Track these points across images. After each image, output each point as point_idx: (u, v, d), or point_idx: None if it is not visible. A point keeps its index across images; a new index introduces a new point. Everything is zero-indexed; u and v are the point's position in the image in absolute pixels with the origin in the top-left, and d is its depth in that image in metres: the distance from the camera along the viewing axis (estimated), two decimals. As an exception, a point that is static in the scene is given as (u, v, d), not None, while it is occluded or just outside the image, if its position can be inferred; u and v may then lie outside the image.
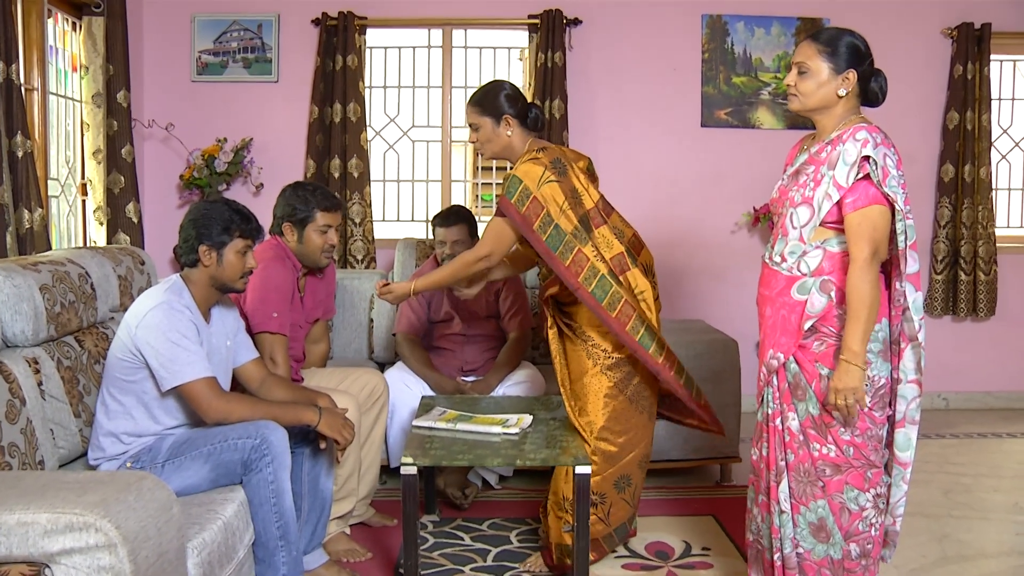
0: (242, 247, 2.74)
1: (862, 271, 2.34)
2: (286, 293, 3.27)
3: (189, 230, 2.72)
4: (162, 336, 2.56)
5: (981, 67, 5.21)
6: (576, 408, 3.04)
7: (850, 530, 2.49)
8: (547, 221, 2.91)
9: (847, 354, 2.36)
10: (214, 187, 5.02)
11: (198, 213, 2.73)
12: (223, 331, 2.83)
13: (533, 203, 2.91)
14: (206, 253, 2.70)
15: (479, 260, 3.06)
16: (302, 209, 3.30)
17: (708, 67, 5.29)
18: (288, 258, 3.34)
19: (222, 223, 2.70)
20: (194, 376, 2.56)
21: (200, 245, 2.70)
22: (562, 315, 3.15)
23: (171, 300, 2.62)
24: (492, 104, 3.06)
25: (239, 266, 2.74)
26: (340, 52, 5.05)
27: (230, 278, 2.74)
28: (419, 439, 2.91)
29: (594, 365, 3.05)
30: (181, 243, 2.74)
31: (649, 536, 3.41)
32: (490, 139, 3.08)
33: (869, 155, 2.34)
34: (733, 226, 5.36)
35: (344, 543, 3.21)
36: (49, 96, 4.31)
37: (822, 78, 2.43)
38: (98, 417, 2.68)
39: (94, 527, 1.78)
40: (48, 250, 3.83)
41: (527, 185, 2.92)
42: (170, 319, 2.58)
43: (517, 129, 3.07)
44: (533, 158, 2.98)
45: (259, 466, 2.53)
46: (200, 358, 2.59)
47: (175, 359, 2.55)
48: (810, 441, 2.50)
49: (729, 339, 4.08)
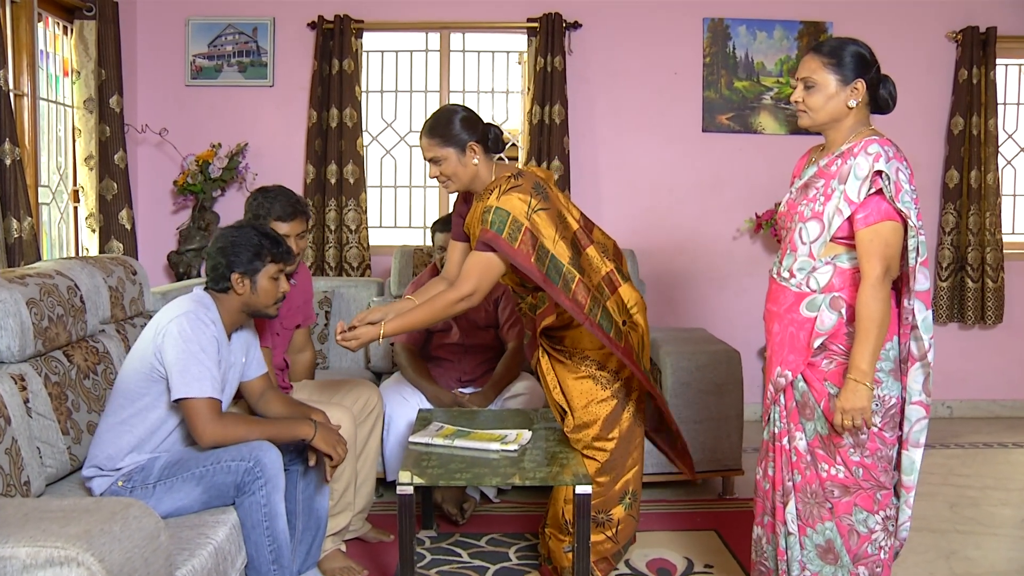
0: (275, 272, 2.69)
1: (874, 289, 2.27)
2: None
3: (218, 258, 2.65)
4: (182, 344, 2.50)
5: (986, 71, 5.15)
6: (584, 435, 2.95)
7: (859, 553, 2.43)
8: (543, 252, 2.75)
9: (855, 373, 2.29)
10: (208, 193, 4.95)
11: (227, 240, 2.66)
12: (241, 348, 2.79)
13: (526, 235, 2.73)
14: (239, 281, 2.64)
15: (461, 300, 2.78)
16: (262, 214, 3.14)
17: (709, 71, 5.22)
18: None
19: (252, 249, 2.65)
20: (199, 393, 2.49)
21: (232, 273, 2.64)
22: (551, 341, 3.01)
23: (197, 311, 2.57)
24: (452, 133, 2.82)
25: (273, 292, 2.70)
26: (336, 56, 4.98)
27: (264, 304, 2.70)
28: (416, 456, 2.84)
29: (603, 389, 2.95)
30: (210, 270, 2.68)
31: (651, 552, 3.35)
32: (455, 172, 2.84)
33: (882, 169, 2.27)
34: (735, 232, 5.29)
35: (340, 560, 3.14)
36: (40, 102, 4.24)
37: (830, 91, 2.37)
38: (99, 432, 2.61)
39: (76, 561, 1.71)
40: (38, 259, 3.76)
41: (516, 217, 2.72)
42: (194, 329, 2.52)
43: (482, 156, 2.85)
44: (514, 186, 2.77)
45: (252, 488, 2.46)
46: (210, 376, 2.52)
47: (187, 370, 2.49)
48: (818, 461, 2.44)
49: (732, 350, 4.01)
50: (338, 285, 4.48)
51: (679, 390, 3.89)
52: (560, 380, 2.99)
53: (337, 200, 5.03)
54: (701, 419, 3.90)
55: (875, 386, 2.34)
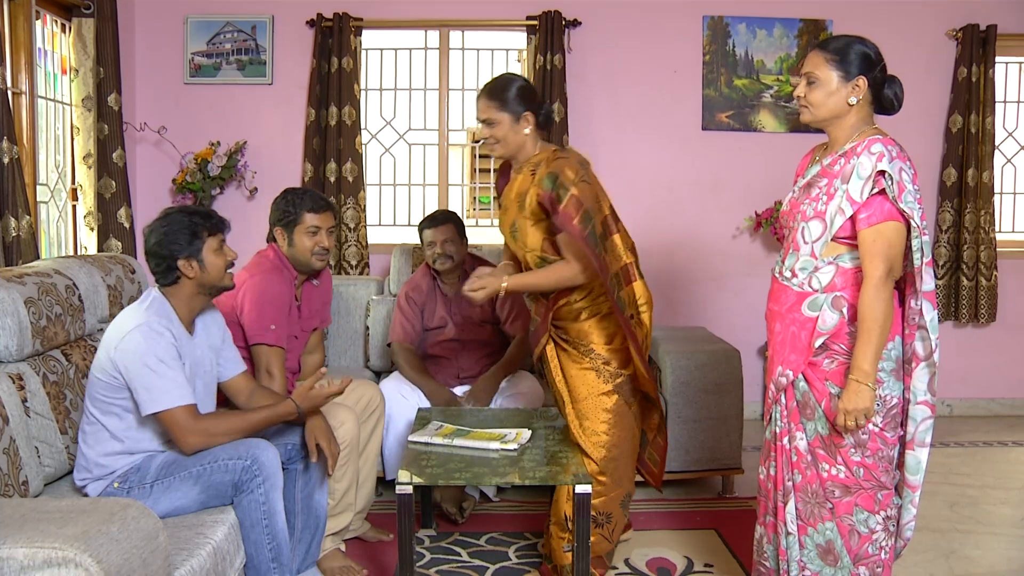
0: (217, 244, 2.65)
1: (876, 289, 2.26)
2: (283, 305, 3.22)
3: (159, 252, 2.60)
4: (139, 361, 2.46)
5: (986, 69, 5.14)
6: (584, 428, 2.96)
7: (859, 553, 2.42)
8: (587, 217, 2.80)
9: (857, 374, 2.29)
10: (207, 191, 4.94)
11: (159, 233, 2.61)
12: (207, 342, 2.75)
13: (572, 200, 2.79)
14: (187, 266, 2.60)
15: (575, 276, 2.88)
16: (290, 212, 3.25)
17: (709, 69, 5.21)
18: (284, 268, 3.29)
19: (187, 230, 2.60)
20: (171, 404, 2.47)
21: (178, 260, 2.59)
22: (557, 331, 3.05)
23: (150, 321, 2.51)
24: (511, 99, 2.89)
25: (222, 263, 2.66)
26: (335, 54, 4.97)
27: (217, 278, 2.66)
28: (415, 455, 2.83)
29: (605, 383, 2.96)
30: (154, 267, 2.63)
31: (650, 552, 3.34)
32: (505, 137, 2.91)
33: (885, 169, 2.26)
34: (735, 231, 5.28)
35: (339, 560, 3.13)
36: (38, 100, 4.23)
37: (831, 87, 2.37)
38: (82, 439, 2.59)
39: (74, 562, 1.70)
40: (37, 258, 3.76)
41: (563, 182, 2.79)
42: (148, 343, 2.48)
43: (533, 128, 2.92)
44: (562, 157, 2.87)
45: (250, 487, 2.45)
46: (178, 384, 2.49)
47: (151, 387, 2.46)
48: (818, 461, 2.43)
49: (732, 349, 4.01)
50: (337, 283, 4.46)
51: (679, 389, 3.88)
52: (564, 369, 3.01)
53: (336, 198, 5.02)
54: (701, 418, 3.89)
55: (877, 386, 2.33)
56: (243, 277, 3.24)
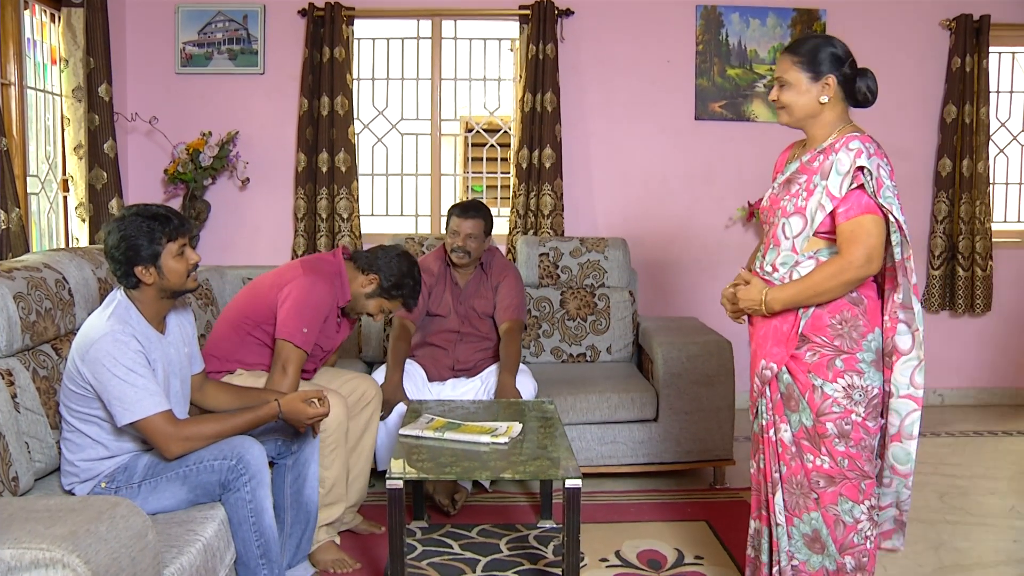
0: (177, 249, 2.53)
1: (841, 269, 2.34)
2: (323, 313, 3.19)
3: (116, 256, 2.50)
4: (108, 373, 2.40)
5: (979, 60, 5.13)
6: None
7: (844, 543, 2.45)
8: None
9: (769, 296, 2.43)
10: (199, 182, 4.92)
11: (116, 238, 2.50)
12: (181, 339, 2.71)
13: None
14: (144, 273, 2.50)
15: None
16: None
17: (702, 59, 5.20)
18: (340, 283, 3.26)
19: (144, 237, 2.48)
20: (145, 413, 2.42)
21: (135, 267, 2.49)
22: None
23: (114, 331, 2.43)
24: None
25: (182, 268, 2.54)
26: (327, 43, 4.94)
27: (178, 284, 2.55)
28: (406, 449, 2.84)
29: None
30: (113, 271, 2.54)
31: (641, 543, 3.35)
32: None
33: (864, 165, 2.32)
34: (727, 221, 5.28)
35: (333, 553, 3.14)
36: (27, 90, 4.21)
37: (802, 88, 2.44)
38: (64, 445, 2.56)
39: (62, 563, 1.70)
40: (27, 250, 3.74)
41: None
42: (115, 352, 2.41)
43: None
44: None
45: (237, 486, 2.45)
46: (151, 392, 2.43)
47: (123, 397, 2.41)
48: (803, 452, 2.47)
49: (723, 340, 4.02)
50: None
51: (670, 379, 3.89)
52: None
53: (329, 188, 5.01)
54: (692, 409, 3.91)
55: (857, 376, 2.39)
56: (297, 271, 3.22)
